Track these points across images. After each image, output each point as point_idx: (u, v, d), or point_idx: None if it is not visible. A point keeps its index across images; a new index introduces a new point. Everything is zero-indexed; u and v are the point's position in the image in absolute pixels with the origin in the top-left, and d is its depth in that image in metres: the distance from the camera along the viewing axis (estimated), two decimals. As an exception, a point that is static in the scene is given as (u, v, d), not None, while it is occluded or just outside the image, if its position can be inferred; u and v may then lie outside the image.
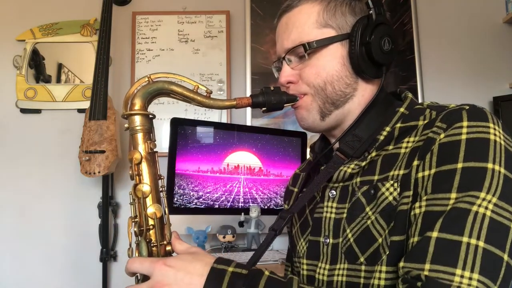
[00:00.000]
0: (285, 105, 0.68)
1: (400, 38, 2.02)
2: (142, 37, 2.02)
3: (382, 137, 0.65)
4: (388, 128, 0.65)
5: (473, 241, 0.49)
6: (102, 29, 1.80)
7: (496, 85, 2.00)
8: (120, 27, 2.03)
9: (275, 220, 0.72)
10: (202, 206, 1.58)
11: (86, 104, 1.88)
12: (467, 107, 0.58)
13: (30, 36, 2.00)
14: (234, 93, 2.01)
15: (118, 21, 2.01)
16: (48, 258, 1.89)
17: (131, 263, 0.58)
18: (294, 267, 0.81)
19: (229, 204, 1.63)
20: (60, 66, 2.03)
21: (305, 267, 0.72)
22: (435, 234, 0.51)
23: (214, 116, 1.96)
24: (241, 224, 1.61)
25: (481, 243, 0.49)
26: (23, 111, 1.97)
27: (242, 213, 1.61)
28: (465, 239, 0.49)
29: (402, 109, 0.67)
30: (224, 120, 1.96)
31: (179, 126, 1.57)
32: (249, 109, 1.98)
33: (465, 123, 0.55)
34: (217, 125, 1.70)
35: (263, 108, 0.68)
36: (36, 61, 2.00)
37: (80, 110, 1.96)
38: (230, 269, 0.55)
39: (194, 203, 1.57)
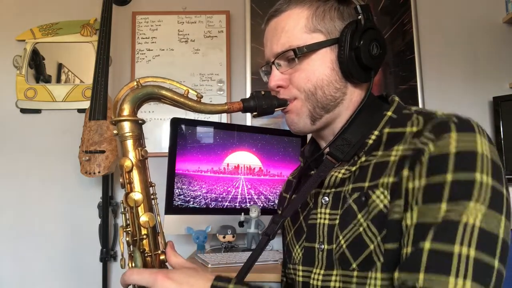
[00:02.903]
0: (275, 109, 0.69)
1: (400, 39, 2.02)
2: (142, 37, 2.02)
3: (370, 141, 0.66)
4: (376, 132, 0.66)
5: (465, 250, 0.51)
6: (102, 29, 1.80)
7: (496, 85, 2.00)
8: (120, 27, 2.03)
9: (268, 225, 0.73)
10: (202, 206, 1.58)
11: (86, 104, 1.88)
12: (454, 118, 0.59)
13: (30, 36, 2.00)
14: (234, 93, 2.01)
15: (118, 21, 2.01)
16: (48, 258, 1.89)
17: (129, 275, 0.56)
18: (287, 273, 0.81)
19: (229, 204, 1.63)
20: (60, 66, 2.03)
21: (300, 273, 0.72)
22: (427, 244, 0.53)
23: (214, 116, 1.96)
24: (241, 224, 1.61)
25: (472, 252, 0.51)
26: (23, 111, 1.97)
27: (242, 213, 1.61)
28: (456, 248, 0.51)
29: (389, 113, 0.68)
30: (224, 120, 1.96)
31: (179, 126, 1.57)
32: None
33: (453, 134, 0.56)
34: (217, 125, 1.70)
35: (254, 113, 0.68)
36: (36, 61, 2.01)
37: (80, 110, 1.96)
38: (231, 286, 0.56)
39: (194, 203, 1.57)
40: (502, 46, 2.03)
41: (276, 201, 1.72)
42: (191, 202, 1.56)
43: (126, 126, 0.62)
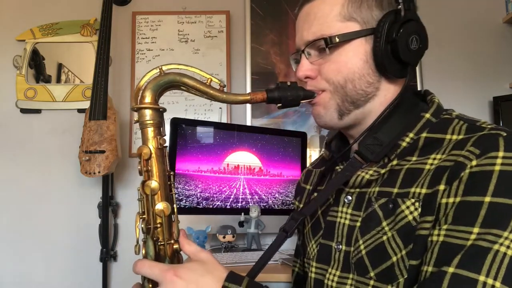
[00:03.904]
0: (301, 101, 0.65)
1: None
2: (142, 37, 2.02)
3: (404, 144, 0.62)
4: (411, 135, 0.62)
5: (490, 281, 0.47)
6: (102, 29, 1.80)
7: (496, 85, 2.00)
8: (120, 27, 2.03)
9: (287, 221, 0.70)
10: (202, 206, 1.58)
11: (86, 104, 1.88)
12: (505, 134, 0.54)
13: (30, 36, 2.00)
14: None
15: (118, 21, 2.01)
16: (48, 258, 1.89)
17: (140, 267, 0.56)
18: (301, 266, 0.80)
19: (229, 204, 1.63)
20: (60, 66, 2.03)
21: (314, 269, 0.70)
22: (451, 269, 0.49)
23: (214, 116, 1.96)
24: (241, 224, 1.61)
25: (498, 284, 0.47)
26: (23, 111, 1.97)
27: (242, 213, 1.61)
28: (482, 278, 0.48)
29: (428, 115, 0.63)
30: (224, 120, 1.96)
31: (179, 126, 1.57)
32: (249, 109, 1.99)
33: (501, 153, 0.52)
34: (217, 125, 1.70)
35: (278, 104, 0.65)
36: (36, 61, 2.00)
37: (80, 110, 1.96)
38: None
39: (194, 203, 1.57)
40: (502, 46, 2.03)
41: (277, 201, 1.72)
42: (191, 202, 1.56)
43: (147, 114, 0.62)
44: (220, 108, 1.97)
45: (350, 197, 0.66)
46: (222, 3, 2.05)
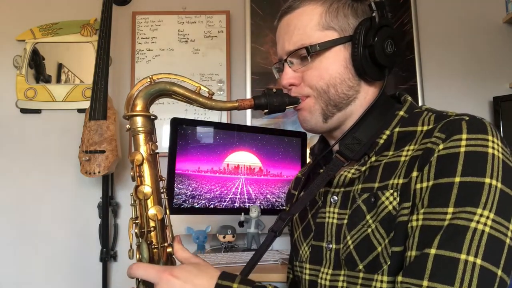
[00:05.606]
0: (287, 107, 0.68)
1: (402, 39, 2.02)
2: (142, 37, 2.02)
3: (381, 141, 0.65)
4: (387, 132, 0.66)
5: (471, 258, 0.50)
6: (102, 29, 1.80)
7: (496, 85, 2.00)
8: (120, 27, 2.03)
9: (275, 221, 0.72)
10: (202, 206, 1.58)
11: (86, 104, 1.88)
12: (467, 118, 0.58)
13: (30, 36, 2.00)
14: (234, 93, 2.01)
15: (118, 21, 2.01)
16: (48, 258, 1.89)
17: (135, 269, 0.58)
18: (294, 271, 0.81)
19: (229, 204, 1.63)
20: (60, 66, 2.03)
21: (307, 271, 0.72)
22: (433, 250, 0.51)
23: (214, 116, 1.96)
24: (241, 224, 1.61)
25: (479, 261, 0.50)
26: (23, 111, 1.97)
27: (242, 213, 1.61)
28: (463, 256, 0.50)
29: (401, 113, 0.67)
30: (224, 120, 1.96)
31: (179, 126, 1.57)
32: (249, 109, 1.98)
33: (464, 135, 0.55)
34: (217, 125, 1.70)
35: (265, 110, 0.68)
36: (36, 61, 2.01)
37: (80, 110, 1.96)
38: (235, 285, 0.56)
39: (194, 203, 1.57)
40: (502, 46, 2.03)
41: (277, 201, 1.72)
42: (191, 202, 1.56)
43: (139, 121, 0.64)
44: (220, 108, 1.96)
45: (336, 197, 0.69)
46: (222, 3, 2.05)
